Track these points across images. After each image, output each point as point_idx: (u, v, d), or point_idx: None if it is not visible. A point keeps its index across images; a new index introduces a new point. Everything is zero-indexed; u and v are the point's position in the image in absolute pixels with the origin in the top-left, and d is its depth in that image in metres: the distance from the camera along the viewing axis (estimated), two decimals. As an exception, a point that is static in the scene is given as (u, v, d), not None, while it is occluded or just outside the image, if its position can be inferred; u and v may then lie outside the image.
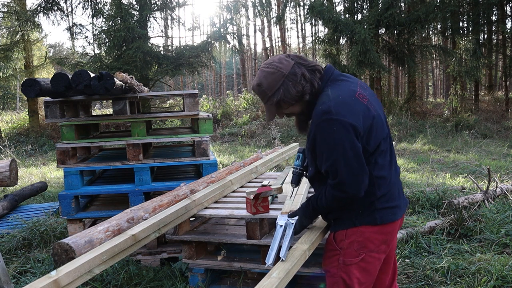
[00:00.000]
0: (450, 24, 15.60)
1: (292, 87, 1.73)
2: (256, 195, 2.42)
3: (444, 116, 15.03)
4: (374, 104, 1.78)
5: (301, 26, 30.59)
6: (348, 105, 1.66)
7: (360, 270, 1.80)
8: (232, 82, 39.96)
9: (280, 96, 1.74)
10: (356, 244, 1.79)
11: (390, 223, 1.79)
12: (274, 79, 1.74)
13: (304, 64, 1.76)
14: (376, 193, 1.76)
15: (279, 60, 1.76)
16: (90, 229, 1.90)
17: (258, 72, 1.81)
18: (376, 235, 1.79)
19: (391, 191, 1.80)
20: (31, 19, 12.62)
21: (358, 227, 1.79)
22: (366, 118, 1.69)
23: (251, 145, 11.78)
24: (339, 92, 1.71)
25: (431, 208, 4.60)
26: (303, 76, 1.74)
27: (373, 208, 1.77)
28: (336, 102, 1.66)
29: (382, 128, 1.77)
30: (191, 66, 12.10)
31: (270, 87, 1.75)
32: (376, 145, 1.73)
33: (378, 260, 1.83)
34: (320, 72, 1.79)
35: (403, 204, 1.87)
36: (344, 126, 1.62)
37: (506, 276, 2.85)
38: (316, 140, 1.70)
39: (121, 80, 3.09)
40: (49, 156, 11.02)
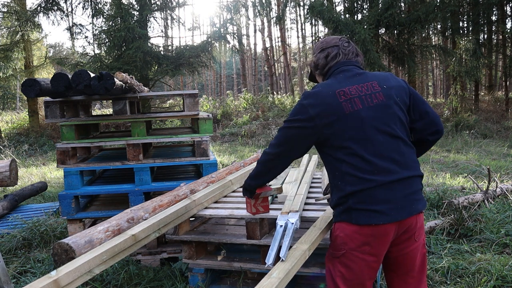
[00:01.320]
0: (450, 24, 15.60)
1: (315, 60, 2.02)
2: (256, 195, 2.42)
3: (444, 116, 15.03)
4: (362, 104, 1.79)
5: (301, 26, 30.61)
6: (319, 95, 1.84)
7: (342, 265, 1.81)
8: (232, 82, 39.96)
9: (313, 59, 2.03)
10: (339, 239, 1.82)
11: (367, 225, 1.73)
12: (317, 46, 2.05)
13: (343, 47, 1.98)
14: (347, 188, 1.76)
15: (333, 37, 2.04)
16: (90, 229, 1.90)
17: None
18: (355, 234, 1.76)
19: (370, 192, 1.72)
20: (31, 19, 12.62)
21: (339, 223, 1.83)
22: (332, 111, 1.79)
23: (251, 145, 11.78)
24: (324, 85, 1.89)
25: (431, 208, 4.60)
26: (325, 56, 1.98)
27: (348, 206, 1.77)
28: (316, 90, 1.86)
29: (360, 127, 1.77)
30: (191, 66, 12.09)
31: (313, 50, 2.08)
32: (343, 139, 1.78)
33: (362, 260, 1.78)
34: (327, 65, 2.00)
35: (395, 213, 1.73)
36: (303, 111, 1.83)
37: (506, 276, 2.85)
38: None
39: (121, 80, 3.09)
40: (49, 156, 11.02)
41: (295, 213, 2.27)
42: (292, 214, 2.26)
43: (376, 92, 1.83)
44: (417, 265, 1.94)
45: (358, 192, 1.74)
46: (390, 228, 1.75)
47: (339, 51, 1.96)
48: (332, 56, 1.96)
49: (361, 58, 2.02)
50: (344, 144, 1.78)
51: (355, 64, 1.95)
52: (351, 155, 1.77)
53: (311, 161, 3.87)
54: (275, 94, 21.29)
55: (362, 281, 1.83)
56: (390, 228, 1.75)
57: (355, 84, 1.85)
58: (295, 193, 2.71)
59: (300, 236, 2.05)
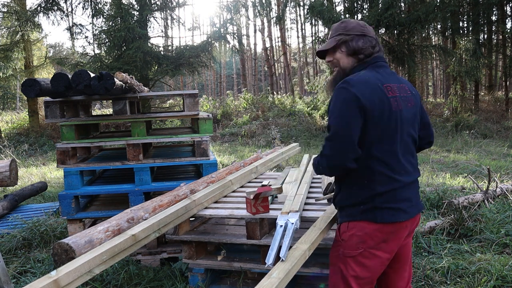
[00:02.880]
0: (450, 24, 15.60)
1: (359, 42, 1.90)
2: (256, 195, 2.43)
3: (444, 116, 15.04)
4: (403, 105, 1.83)
5: (301, 26, 30.62)
6: (367, 85, 1.78)
7: (357, 264, 1.82)
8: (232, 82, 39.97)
9: (348, 39, 1.90)
10: (355, 238, 1.81)
11: (390, 223, 1.79)
12: (355, 28, 1.92)
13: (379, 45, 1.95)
14: (377, 188, 1.77)
15: (372, 29, 1.97)
16: (90, 229, 1.90)
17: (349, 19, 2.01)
18: (376, 232, 1.79)
19: (396, 192, 1.80)
20: (31, 19, 12.61)
21: (358, 222, 1.81)
22: (379, 105, 1.76)
23: (251, 145, 11.78)
24: (369, 75, 1.83)
25: (431, 208, 4.60)
26: (374, 45, 1.92)
27: (374, 205, 1.78)
28: (359, 78, 1.79)
29: (395, 127, 1.80)
30: (191, 66, 12.09)
31: (348, 28, 1.92)
32: (381, 137, 1.77)
33: (378, 258, 1.83)
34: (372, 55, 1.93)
35: (412, 209, 1.85)
36: (351, 97, 1.74)
37: (506, 276, 2.85)
38: (330, 102, 1.84)
39: (121, 80, 3.09)
40: (49, 156, 11.02)
41: (295, 213, 2.27)
42: (292, 214, 2.26)
43: (409, 96, 1.90)
44: (410, 257, 2.06)
45: (387, 192, 1.79)
46: (406, 225, 1.86)
47: (378, 43, 1.94)
48: (377, 47, 1.93)
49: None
50: (382, 142, 1.78)
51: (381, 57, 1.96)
52: (387, 154, 1.79)
53: (311, 161, 3.87)
54: (275, 94, 21.29)
55: (373, 279, 1.88)
56: (406, 224, 1.85)
57: (395, 83, 1.88)
58: (295, 193, 2.71)
59: (300, 236, 2.05)
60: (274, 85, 25.17)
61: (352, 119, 1.73)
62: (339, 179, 1.92)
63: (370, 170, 1.78)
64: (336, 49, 1.94)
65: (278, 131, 11.99)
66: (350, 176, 1.83)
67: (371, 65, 1.90)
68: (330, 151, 1.77)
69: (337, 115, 1.76)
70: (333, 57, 1.96)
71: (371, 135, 1.76)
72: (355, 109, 1.73)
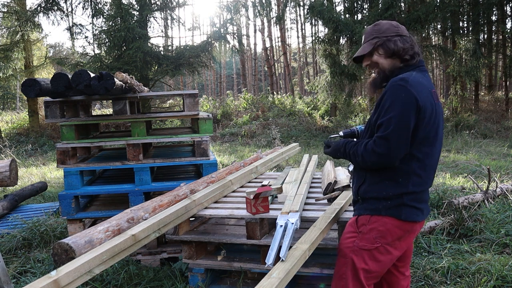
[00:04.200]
0: (450, 24, 15.59)
1: (400, 42, 1.88)
2: (256, 195, 2.43)
3: (444, 116, 15.02)
4: (440, 112, 1.88)
5: (301, 26, 30.60)
6: (422, 87, 1.79)
7: (371, 258, 1.85)
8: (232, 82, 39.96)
9: (384, 41, 1.89)
10: (375, 232, 1.84)
11: (412, 222, 1.84)
12: (389, 29, 1.91)
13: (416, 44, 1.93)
14: (408, 186, 1.81)
15: (404, 28, 1.96)
16: (90, 229, 1.90)
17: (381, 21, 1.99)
18: (396, 229, 1.83)
19: (422, 193, 1.87)
20: (31, 19, 12.60)
21: (382, 217, 1.84)
22: (430, 109, 1.79)
23: (251, 145, 11.78)
24: (421, 77, 1.84)
25: (431, 208, 4.60)
26: (411, 45, 1.90)
27: (401, 202, 1.82)
28: (415, 79, 1.80)
29: (436, 131, 1.84)
30: (191, 66, 12.09)
31: (381, 31, 1.91)
32: (426, 138, 1.80)
33: (390, 254, 1.87)
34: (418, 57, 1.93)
35: (426, 211, 1.92)
36: (411, 97, 1.74)
37: (506, 276, 2.85)
38: (384, 96, 1.81)
39: (121, 80, 3.09)
40: (49, 156, 11.02)
41: (295, 213, 2.27)
42: (292, 214, 2.26)
43: (440, 104, 1.93)
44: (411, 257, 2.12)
45: (416, 192, 1.83)
46: (419, 225, 1.92)
47: (415, 43, 1.93)
48: (416, 47, 1.92)
49: None
50: (425, 144, 1.81)
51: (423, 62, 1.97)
52: (426, 156, 1.83)
53: (311, 161, 3.87)
54: (275, 94, 21.28)
55: (380, 274, 1.91)
56: (420, 225, 1.92)
57: (433, 88, 1.90)
58: (295, 193, 2.71)
59: (300, 236, 2.05)
60: (274, 85, 25.16)
61: (410, 119, 1.74)
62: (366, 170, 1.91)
63: (408, 169, 1.81)
64: (373, 52, 1.93)
65: (278, 131, 11.99)
66: (384, 170, 1.83)
67: (418, 68, 1.90)
68: (386, 149, 1.76)
69: (396, 113, 1.74)
70: (370, 60, 1.95)
71: (418, 136, 1.79)
72: (413, 109, 1.74)
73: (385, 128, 1.75)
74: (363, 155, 1.82)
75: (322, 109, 15.95)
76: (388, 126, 1.74)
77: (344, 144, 1.96)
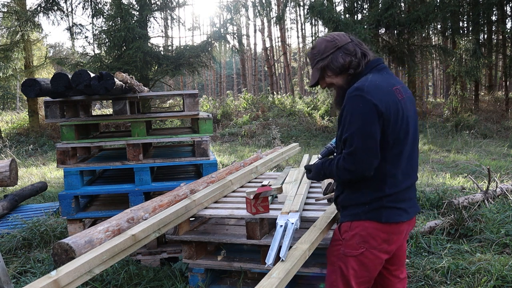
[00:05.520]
0: (450, 24, 15.59)
1: (341, 58, 1.85)
2: (256, 195, 2.43)
3: (444, 116, 15.03)
4: (408, 106, 1.83)
5: (301, 26, 30.60)
6: (380, 90, 1.75)
7: (358, 264, 1.82)
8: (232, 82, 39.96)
9: (327, 62, 1.87)
10: (358, 238, 1.81)
11: (394, 223, 1.81)
12: (327, 46, 1.88)
13: (359, 46, 1.89)
14: (385, 190, 1.78)
15: (339, 34, 1.91)
16: (90, 229, 1.90)
17: (317, 38, 1.91)
18: (379, 232, 1.80)
19: (401, 193, 1.82)
20: (31, 19, 12.60)
21: (362, 221, 1.81)
22: (394, 109, 1.75)
23: (251, 145, 11.78)
24: (378, 79, 1.80)
25: (431, 208, 4.60)
26: (354, 52, 1.86)
27: (380, 205, 1.79)
28: (371, 84, 1.75)
29: (407, 130, 1.80)
30: (191, 66, 12.09)
31: (321, 52, 1.89)
32: (396, 139, 1.76)
33: (378, 258, 1.84)
34: (368, 58, 1.89)
35: (412, 210, 1.88)
36: (369, 105, 1.70)
37: (506, 276, 2.85)
38: (343, 111, 1.79)
39: (121, 80, 3.09)
40: (49, 156, 11.02)
41: (295, 213, 2.27)
42: (292, 214, 2.26)
43: (410, 96, 1.90)
44: (405, 259, 2.07)
45: (394, 194, 1.80)
46: (406, 226, 1.87)
47: (362, 46, 1.90)
48: (363, 53, 1.87)
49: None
50: (396, 145, 1.77)
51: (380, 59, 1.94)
52: (399, 156, 1.79)
53: (311, 161, 3.87)
54: (275, 94, 21.28)
55: (372, 278, 1.89)
56: (406, 225, 1.87)
57: (399, 84, 1.86)
58: (295, 193, 2.71)
59: (300, 236, 2.05)
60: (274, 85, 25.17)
61: (373, 129, 1.70)
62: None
63: (382, 172, 1.77)
64: (323, 75, 1.92)
65: (278, 131, 11.99)
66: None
67: (374, 68, 1.87)
68: (355, 165, 1.73)
69: (357, 126, 1.71)
70: (325, 83, 1.94)
71: (388, 141, 1.75)
72: (375, 118, 1.70)
73: (350, 143, 1.73)
74: (338, 174, 1.82)
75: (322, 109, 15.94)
76: (352, 141, 1.72)
77: (322, 166, 1.94)
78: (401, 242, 1.92)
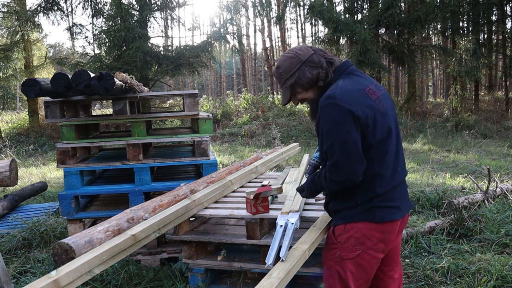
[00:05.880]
0: (450, 24, 15.60)
1: (308, 72, 1.82)
2: (256, 195, 2.42)
3: (444, 116, 15.03)
4: (385, 104, 1.82)
5: (301, 26, 30.58)
6: (353, 95, 1.73)
7: (355, 266, 1.82)
8: (232, 82, 39.95)
9: (295, 79, 1.84)
10: (353, 240, 1.80)
11: (388, 222, 1.80)
12: (291, 63, 1.84)
13: (323, 55, 1.86)
14: (376, 190, 1.77)
15: (300, 48, 1.88)
16: (90, 229, 1.90)
17: (279, 57, 1.88)
18: (374, 232, 1.80)
19: (392, 191, 1.81)
20: (31, 19, 12.61)
21: (356, 223, 1.80)
22: (371, 111, 1.73)
23: (251, 145, 11.78)
24: (348, 83, 1.78)
25: (431, 208, 4.60)
26: (320, 63, 1.83)
27: (372, 205, 1.78)
28: (342, 90, 1.73)
29: (388, 127, 1.79)
30: (191, 66, 12.09)
31: (286, 70, 1.85)
32: (379, 140, 1.75)
33: (375, 258, 1.84)
34: (335, 65, 1.87)
35: (405, 207, 1.87)
36: (344, 112, 1.68)
37: (506, 276, 2.85)
38: (319, 122, 1.77)
39: (121, 80, 3.09)
40: (49, 156, 11.01)
41: (295, 213, 2.27)
42: (292, 214, 2.26)
43: (385, 93, 1.88)
44: (399, 258, 2.06)
45: (387, 192, 1.79)
46: (402, 224, 1.88)
47: (327, 55, 1.87)
48: (328, 61, 1.84)
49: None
50: (380, 144, 1.76)
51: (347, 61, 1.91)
52: (384, 155, 1.78)
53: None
54: (275, 94, 21.27)
55: (369, 278, 1.88)
56: (402, 223, 1.88)
57: (371, 83, 1.85)
58: (295, 193, 2.71)
59: (300, 236, 2.05)
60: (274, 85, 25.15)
61: (352, 135, 1.68)
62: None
63: (371, 173, 1.76)
64: (294, 93, 1.90)
65: (278, 131, 11.98)
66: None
67: (343, 73, 1.84)
68: (341, 176, 1.73)
69: (336, 136, 1.69)
70: (297, 100, 1.93)
71: (369, 141, 1.73)
72: (351, 124, 1.68)
73: (331, 154, 1.72)
74: (327, 187, 1.82)
75: (322, 109, 15.91)
76: (333, 152, 1.70)
77: (312, 183, 1.93)
78: (395, 240, 1.92)
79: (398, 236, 1.92)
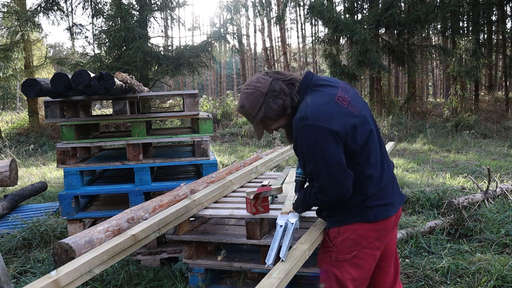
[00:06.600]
0: (450, 24, 15.60)
1: (273, 103, 1.78)
2: (256, 195, 2.42)
3: (444, 116, 15.03)
4: (357, 105, 1.80)
5: (301, 26, 30.58)
6: (325, 109, 1.70)
7: (353, 267, 1.81)
8: (232, 82, 39.95)
9: (263, 113, 1.80)
10: (348, 242, 1.80)
11: (383, 220, 1.81)
12: (254, 99, 1.79)
13: (282, 79, 1.81)
14: (368, 191, 1.77)
15: (257, 79, 1.81)
16: (90, 229, 1.90)
17: (240, 94, 1.87)
18: (370, 232, 1.80)
19: (383, 189, 1.81)
20: (31, 19, 12.60)
21: (351, 225, 1.80)
22: (347, 119, 1.71)
23: (251, 145, 11.78)
24: (316, 98, 1.74)
25: (431, 208, 4.60)
26: (282, 90, 1.78)
27: (365, 205, 1.78)
28: (313, 108, 1.70)
29: (366, 127, 1.78)
30: (191, 66, 12.09)
31: (252, 107, 1.81)
32: (362, 144, 1.74)
33: (372, 256, 1.84)
34: (298, 83, 1.83)
35: (397, 201, 1.87)
36: (321, 131, 1.65)
37: (506, 276, 2.85)
38: (297, 145, 1.75)
39: (121, 80, 3.09)
40: (49, 156, 11.01)
41: (295, 213, 2.26)
42: (292, 214, 2.25)
43: (354, 92, 1.86)
44: (396, 252, 2.05)
45: (377, 192, 1.79)
46: (397, 217, 1.88)
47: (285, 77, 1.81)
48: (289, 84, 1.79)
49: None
50: (364, 146, 1.75)
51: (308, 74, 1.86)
52: (370, 155, 1.77)
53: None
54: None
55: (368, 278, 1.88)
56: (396, 217, 1.88)
57: (338, 88, 1.82)
58: (295, 194, 2.71)
59: (300, 236, 2.05)
60: (274, 85, 25.13)
61: (333, 152, 1.66)
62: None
63: (360, 176, 1.76)
64: (267, 126, 1.88)
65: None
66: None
67: (308, 88, 1.81)
68: (331, 194, 1.73)
69: (318, 157, 1.67)
70: (271, 130, 1.91)
71: (353, 149, 1.72)
72: (331, 140, 1.65)
73: (316, 176, 1.71)
74: (321, 205, 1.85)
75: (322, 109, 15.91)
76: (318, 173, 1.70)
77: (304, 198, 1.92)
78: (390, 235, 1.91)
79: (393, 230, 1.92)
